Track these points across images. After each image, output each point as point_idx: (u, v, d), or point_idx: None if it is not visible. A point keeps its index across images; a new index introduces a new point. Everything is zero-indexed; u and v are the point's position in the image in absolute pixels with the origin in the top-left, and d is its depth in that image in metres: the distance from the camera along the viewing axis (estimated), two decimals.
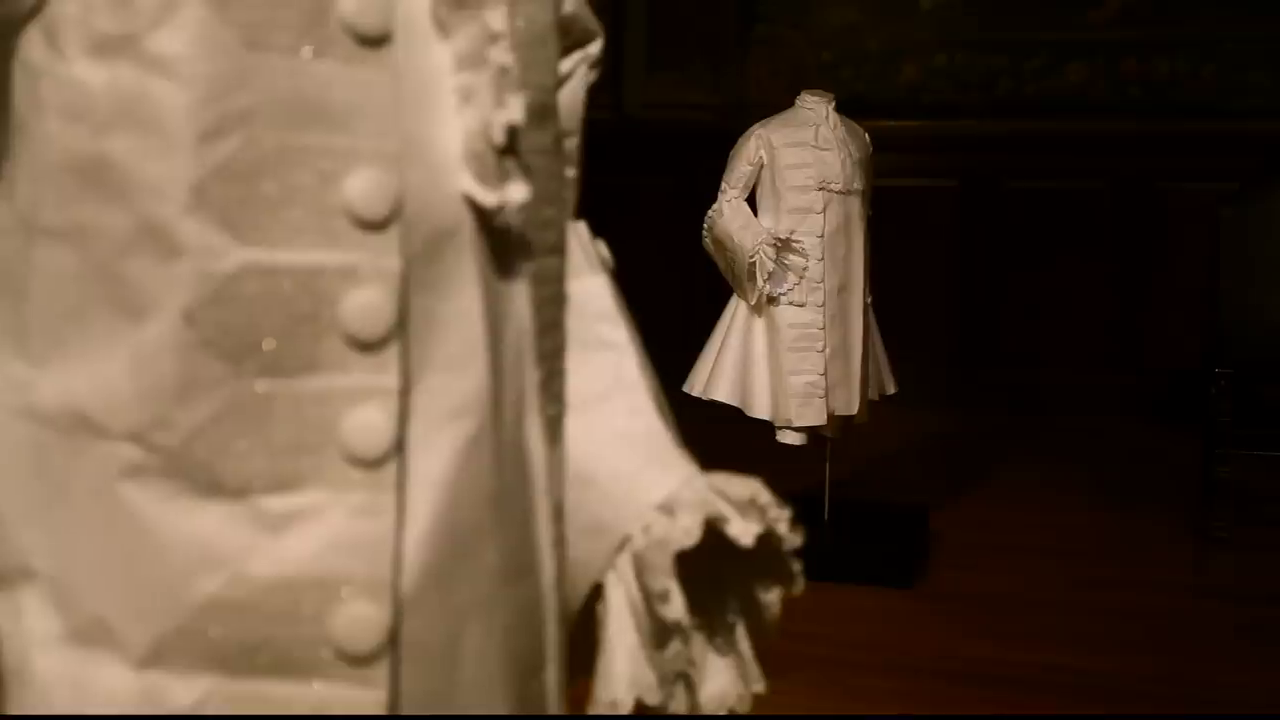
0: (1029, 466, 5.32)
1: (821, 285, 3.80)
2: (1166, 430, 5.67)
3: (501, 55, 0.68)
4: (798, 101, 3.97)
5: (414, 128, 0.65)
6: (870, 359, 3.97)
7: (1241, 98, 6.06)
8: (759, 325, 3.83)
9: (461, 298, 0.67)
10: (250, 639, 0.62)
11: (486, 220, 0.69)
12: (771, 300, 3.79)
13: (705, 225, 3.87)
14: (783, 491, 0.85)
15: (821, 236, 3.80)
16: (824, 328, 3.79)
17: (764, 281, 3.73)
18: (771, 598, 0.87)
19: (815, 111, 3.91)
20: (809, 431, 3.81)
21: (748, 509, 0.82)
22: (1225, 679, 3.31)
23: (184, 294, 0.61)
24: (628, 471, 0.86)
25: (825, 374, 3.78)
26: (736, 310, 3.87)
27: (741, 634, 0.88)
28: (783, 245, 3.74)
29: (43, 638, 0.63)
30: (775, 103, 4.12)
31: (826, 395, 3.78)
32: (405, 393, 0.64)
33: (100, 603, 0.62)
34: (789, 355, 3.77)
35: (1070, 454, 5.48)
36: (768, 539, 0.83)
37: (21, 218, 0.62)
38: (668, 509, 0.83)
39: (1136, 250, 6.09)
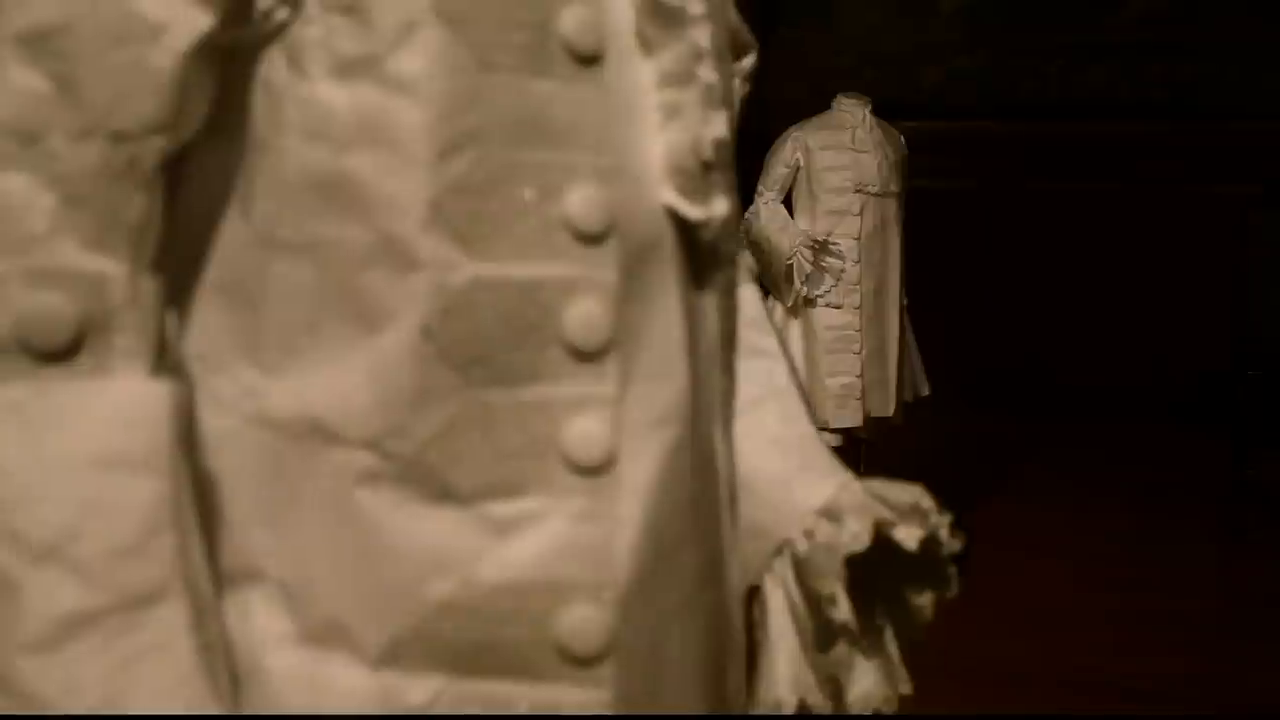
0: (1057, 468, 5.34)
1: (858, 287, 3.82)
2: (1193, 432, 5.69)
3: (708, 73, 0.71)
4: (834, 104, 3.99)
5: (621, 143, 0.67)
6: (905, 361, 3.99)
7: (1264, 100, 6.07)
8: (795, 327, 3.84)
9: (664, 309, 0.69)
10: (479, 640, 0.64)
11: (686, 233, 0.70)
12: (808, 302, 3.81)
13: (741, 227, 3.87)
14: None
15: (858, 238, 3.82)
16: (860, 330, 3.80)
17: (801, 283, 3.75)
18: (924, 601, 0.89)
19: (852, 114, 3.93)
20: (843, 433, 3.82)
21: (910, 514, 0.84)
22: (1256, 680, 3.32)
23: (420, 306, 0.63)
24: (784, 476, 0.88)
25: (862, 376, 3.80)
26: (773, 312, 3.88)
27: (889, 636, 0.90)
28: (820, 247, 3.75)
29: (274, 638, 0.64)
30: (797, 105, 4.14)
31: (863, 397, 3.80)
32: (619, 402, 0.66)
33: (335, 605, 0.64)
34: (826, 357, 3.78)
35: (1098, 456, 5.50)
36: (927, 543, 0.85)
37: (259, 233, 0.64)
38: (830, 514, 0.85)
39: (1159, 252, 6.11)
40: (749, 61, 0.90)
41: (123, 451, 0.56)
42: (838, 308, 3.80)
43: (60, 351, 0.56)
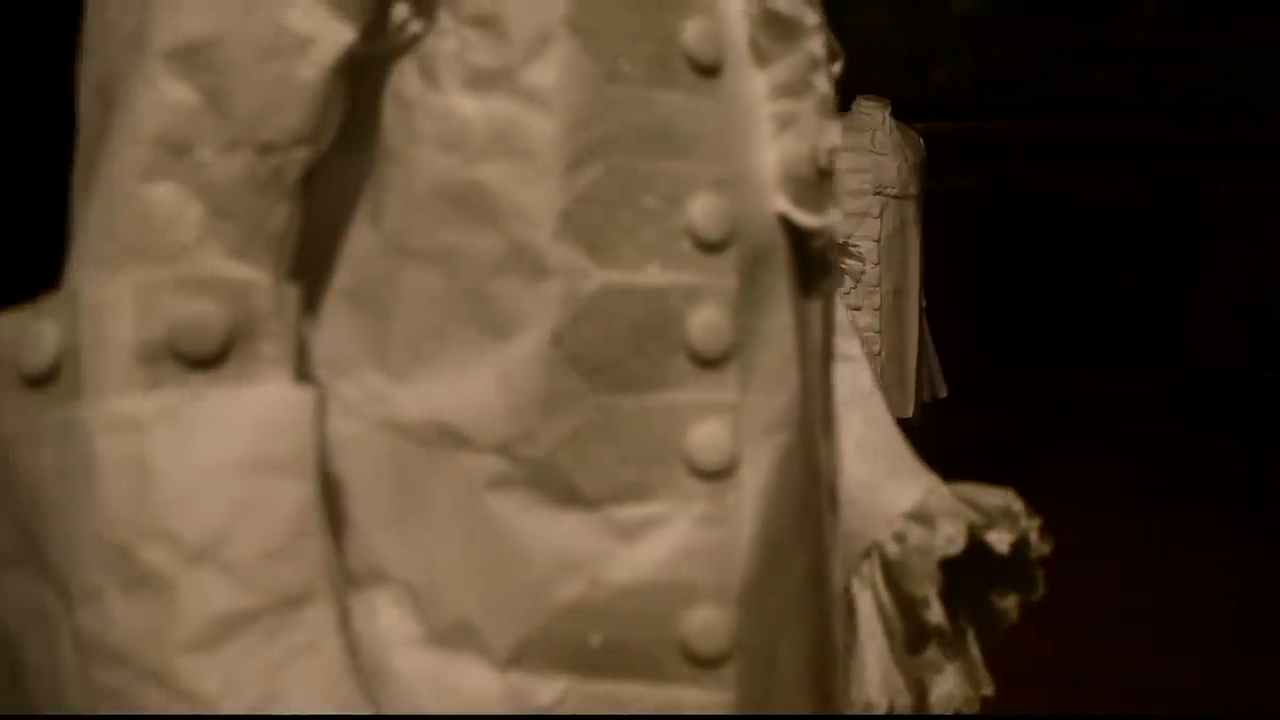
0: (1075, 470, 5.35)
1: (878, 289, 3.84)
2: (1211, 434, 5.70)
3: (823, 83, 0.72)
4: (854, 106, 4.01)
5: (738, 153, 0.68)
6: (923, 362, 4.01)
7: (1276, 102, 6.09)
8: None
9: (777, 316, 0.70)
10: (606, 641, 0.65)
11: (798, 241, 0.72)
12: None
13: None
14: None
15: (878, 240, 3.84)
16: (880, 331, 3.83)
17: None
18: (1008, 604, 0.90)
19: (872, 117, 3.96)
20: None
21: (1001, 517, 0.85)
22: (1270, 682, 3.33)
23: (552, 314, 0.64)
24: (871, 480, 0.89)
25: (881, 377, 3.81)
26: None
27: (971, 638, 0.91)
28: (839, 249, 3.76)
29: (400, 639, 0.65)
30: None
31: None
32: (739, 408, 0.67)
33: (463, 607, 0.65)
34: None
35: (1116, 458, 5.50)
36: (1016, 547, 0.86)
37: (389, 241, 0.65)
38: (920, 518, 0.87)
39: (1173, 253, 6.12)
40: (837, 68, 0.91)
41: (270, 455, 0.57)
42: (857, 309, 3.82)
43: (209, 358, 0.57)
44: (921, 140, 4.10)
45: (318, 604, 0.57)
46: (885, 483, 0.89)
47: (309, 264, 0.64)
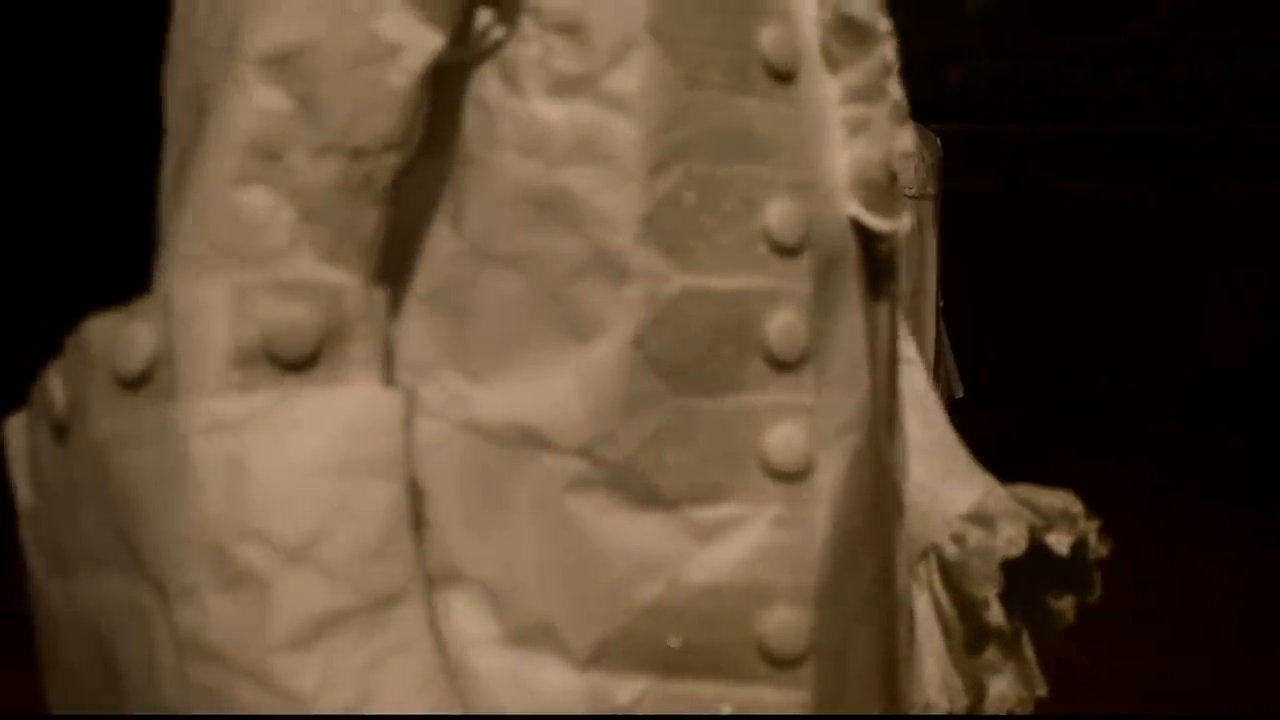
0: (1090, 469, 5.33)
1: None
2: (1219, 433, 5.70)
3: (896, 88, 0.73)
4: None
5: (811, 158, 0.69)
6: (940, 363, 4.01)
7: None
8: None
9: (848, 319, 0.71)
10: (684, 641, 0.65)
11: (868, 245, 0.72)
12: None
13: None
14: None
15: None
16: None
17: None
18: (1065, 605, 0.91)
19: None
20: None
21: (1060, 519, 0.86)
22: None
23: (633, 317, 0.65)
24: (927, 482, 0.90)
25: None
26: None
27: (1026, 639, 0.92)
28: None
29: (479, 639, 0.66)
30: None
31: None
32: (815, 410, 0.68)
33: (542, 607, 0.66)
34: None
35: (1130, 457, 5.51)
36: (1075, 548, 0.87)
37: (470, 244, 0.66)
38: (979, 519, 0.87)
39: (1185, 253, 6.12)
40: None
41: (362, 457, 0.58)
42: None
43: (302, 361, 0.58)
44: (939, 141, 4.10)
45: (410, 604, 0.58)
46: (941, 484, 0.90)
47: (388, 267, 0.65)
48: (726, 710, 0.66)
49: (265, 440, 0.57)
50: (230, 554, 0.56)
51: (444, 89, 0.64)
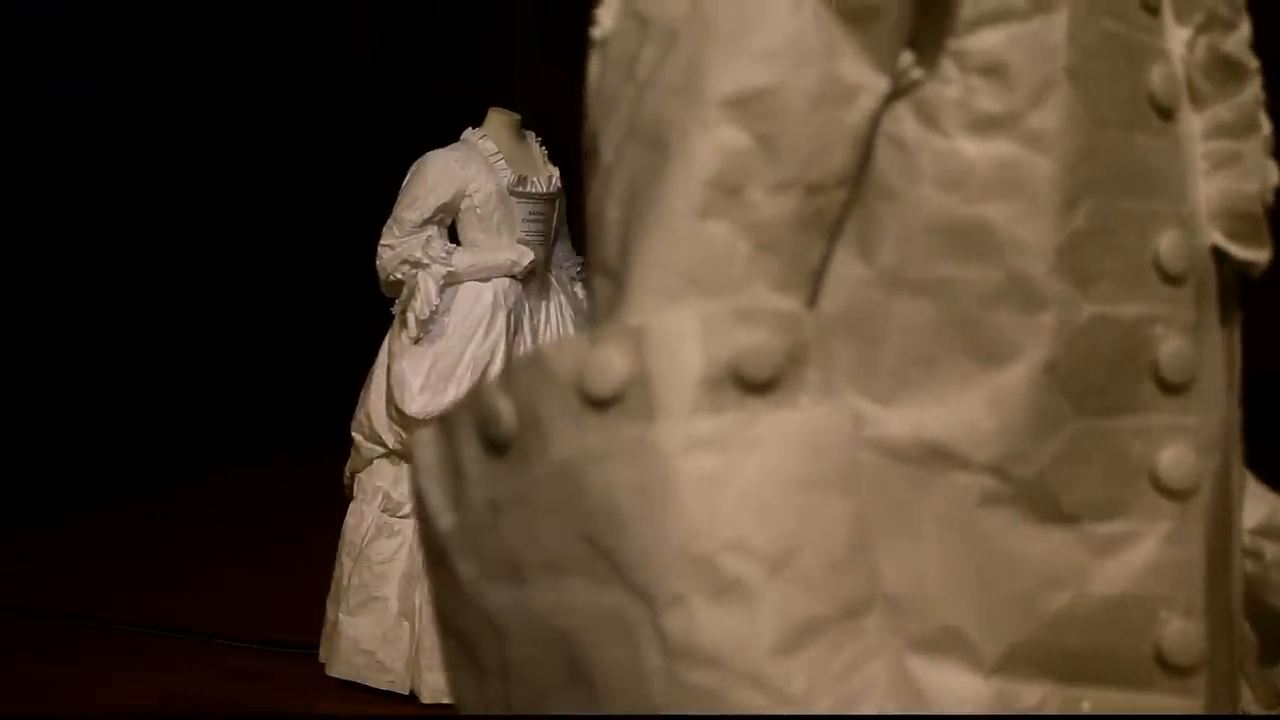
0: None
1: None
2: (1254, 436, 5.72)
3: (1266, 122, 0.76)
4: None
5: (1189, 190, 0.73)
6: None
7: None
8: None
9: (1212, 344, 0.75)
10: (1086, 649, 0.69)
11: (1225, 273, 0.76)
12: None
13: None
14: None
15: None
16: None
17: None
18: None
19: None
20: None
21: None
22: None
23: (1046, 343, 0.68)
24: None
25: None
26: None
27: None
28: None
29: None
30: None
31: None
32: (1199, 431, 0.72)
33: (951, 615, 0.69)
34: None
35: None
36: None
37: (883, 272, 0.69)
38: (1272, 533, 0.92)
39: None
40: None
41: (824, 474, 0.61)
42: None
43: (764, 384, 0.61)
44: None
45: (875, 613, 0.61)
46: None
47: None
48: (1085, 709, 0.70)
49: (737, 458, 0.60)
50: (718, 566, 0.59)
51: None
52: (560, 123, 4.59)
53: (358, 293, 8.46)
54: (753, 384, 0.61)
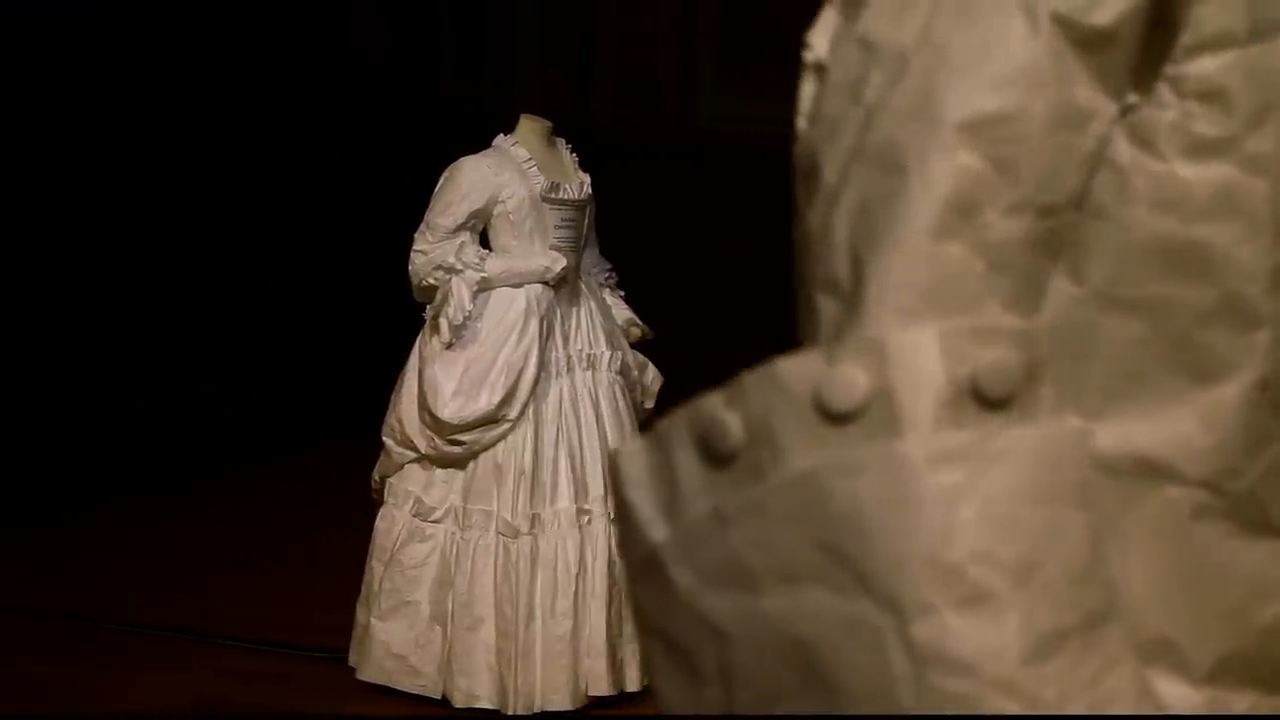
0: None
1: None
2: None
3: None
4: None
5: None
6: None
7: None
8: None
9: None
10: None
11: None
12: None
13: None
14: None
15: None
16: None
17: None
18: None
19: None
20: None
21: None
22: None
23: (1259, 361, 0.70)
24: None
25: None
26: None
27: None
28: None
29: None
30: None
31: None
32: None
33: (1160, 626, 0.70)
34: None
35: None
36: None
37: (1095, 291, 0.71)
38: None
39: None
40: None
41: (1060, 488, 0.63)
42: None
43: (1002, 400, 0.63)
44: None
45: (1115, 623, 0.63)
46: None
47: None
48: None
49: (978, 472, 0.61)
50: (966, 576, 0.60)
51: None
52: (560, 123, 4.63)
53: (360, 293, 8.51)
54: (991, 400, 0.63)
